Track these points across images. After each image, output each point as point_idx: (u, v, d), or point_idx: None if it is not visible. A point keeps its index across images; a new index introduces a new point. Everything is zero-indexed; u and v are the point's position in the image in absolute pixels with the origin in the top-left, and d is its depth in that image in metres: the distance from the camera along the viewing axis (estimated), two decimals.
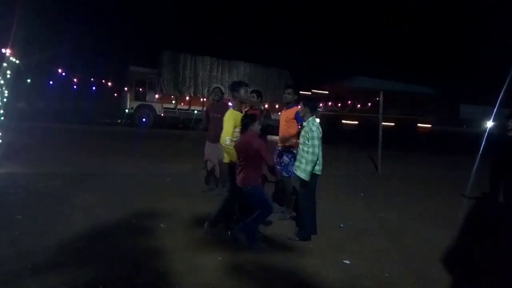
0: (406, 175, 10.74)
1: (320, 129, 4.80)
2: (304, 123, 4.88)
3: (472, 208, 7.26)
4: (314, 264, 4.13)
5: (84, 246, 4.18)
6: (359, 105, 17.77)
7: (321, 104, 19.31)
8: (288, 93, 5.69)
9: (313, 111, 4.90)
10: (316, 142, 4.66)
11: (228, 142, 4.60)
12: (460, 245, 5.10)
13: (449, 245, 5.00)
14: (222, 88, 6.74)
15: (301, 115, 5.01)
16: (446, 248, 4.86)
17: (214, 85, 6.84)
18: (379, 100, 10.68)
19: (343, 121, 23.71)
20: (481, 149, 8.74)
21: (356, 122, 23.36)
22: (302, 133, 4.85)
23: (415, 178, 10.22)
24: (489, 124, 20.59)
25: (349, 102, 18.44)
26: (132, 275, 3.61)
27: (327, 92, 25.52)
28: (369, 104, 15.73)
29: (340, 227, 5.48)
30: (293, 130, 5.54)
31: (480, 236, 5.59)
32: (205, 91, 20.78)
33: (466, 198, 7.86)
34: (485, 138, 9.14)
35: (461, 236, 5.42)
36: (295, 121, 5.56)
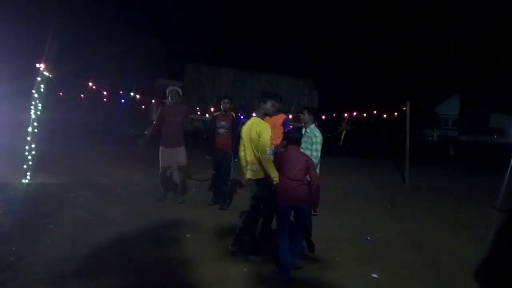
0: (434, 186, 10.48)
1: (321, 135, 5.20)
2: (307, 130, 5.29)
3: (504, 221, 7.00)
4: (340, 277, 4.07)
5: (112, 255, 4.26)
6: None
7: (346, 115, 19.05)
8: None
9: (316, 119, 5.38)
10: (319, 146, 5.06)
11: (269, 152, 4.26)
12: (492, 261, 4.90)
13: (480, 259, 4.82)
14: (179, 91, 6.85)
15: (304, 122, 5.43)
16: (477, 263, 4.69)
17: (171, 88, 6.78)
18: (405, 109, 10.51)
19: None
20: None
21: None
22: (305, 138, 5.19)
23: (443, 190, 9.96)
24: None
25: None
26: (158, 284, 3.65)
27: None
28: None
29: (367, 239, 5.39)
30: (281, 136, 5.74)
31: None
32: None
33: (497, 210, 7.59)
34: None
35: (493, 251, 5.22)
36: (282, 127, 5.93)
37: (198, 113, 21.09)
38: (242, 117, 5.87)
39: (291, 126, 6.03)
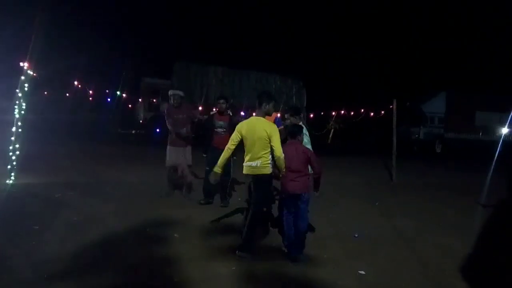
0: (421, 183, 10.60)
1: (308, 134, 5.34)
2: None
3: (489, 216, 7.12)
4: (329, 274, 4.09)
5: (99, 255, 4.22)
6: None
7: (334, 113, 19.19)
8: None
9: (300, 119, 5.57)
10: (309, 146, 5.15)
11: (283, 154, 4.48)
12: (478, 255, 4.99)
13: (466, 254, 4.90)
14: (181, 93, 7.09)
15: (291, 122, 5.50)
16: (464, 258, 4.76)
17: (173, 92, 7.07)
18: (392, 108, 10.61)
19: None
20: (495, 156, 8.60)
21: None
22: None
23: (430, 186, 10.08)
24: (504, 130, 20.22)
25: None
26: (146, 284, 3.63)
27: None
28: None
29: (355, 236, 5.42)
30: None
31: (498, 245, 5.47)
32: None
33: (482, 206, 7.72)
34: (500, 145, 9.03)
35: (478, 245, 5.31)
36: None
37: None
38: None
39: (282, 124, 6.08)
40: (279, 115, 6.59)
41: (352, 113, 18.08)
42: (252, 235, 4.52)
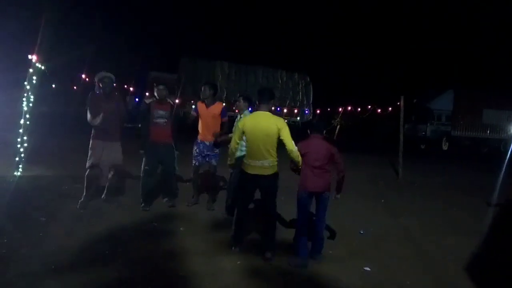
0: (427, 181, 10.54)
1: None
2: (242, 116, 5.40)
3: (496, 215, 7.08)
4: (334, 271, 4.09)
5: (106, 248, 4.25)
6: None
7: (340, 109, 19.12)
8: (204, 89, 6.00)
9: (250, 106, 5.54)
10: None
11: (296, 147, 4.28)
12: (483, 254, 4.96)
13: (472, 253, 4.88)
14: (113, 78, 5.85)
15: (238, 109, 5.66)
16: (469, 257, 4.75)
17: (104, 74, 5.79)
18: (399, 105, 10.54)
19: None
20: (508, 155, 8.52)
21: None
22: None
23: (436, 184, 10.03)
24: None
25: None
26: (152, 277, 3.65)
27: None
28: None
29: (360, 233, 5.42)
30: (219, 125, 5.99)
31: (504, 245, 5.43)
32: (223, 95, 20.88)
33: (490, 205, 7.66)
34: (510, 143, 8.95)
35: (484, 245, 5.28)
36: (220, 116, 5.98)
37: (193, 106, 21.00)
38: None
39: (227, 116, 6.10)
40: (285, 110, 6.53)
41: (358, 109, 18.01)
42: (275, 233, 4.48)
